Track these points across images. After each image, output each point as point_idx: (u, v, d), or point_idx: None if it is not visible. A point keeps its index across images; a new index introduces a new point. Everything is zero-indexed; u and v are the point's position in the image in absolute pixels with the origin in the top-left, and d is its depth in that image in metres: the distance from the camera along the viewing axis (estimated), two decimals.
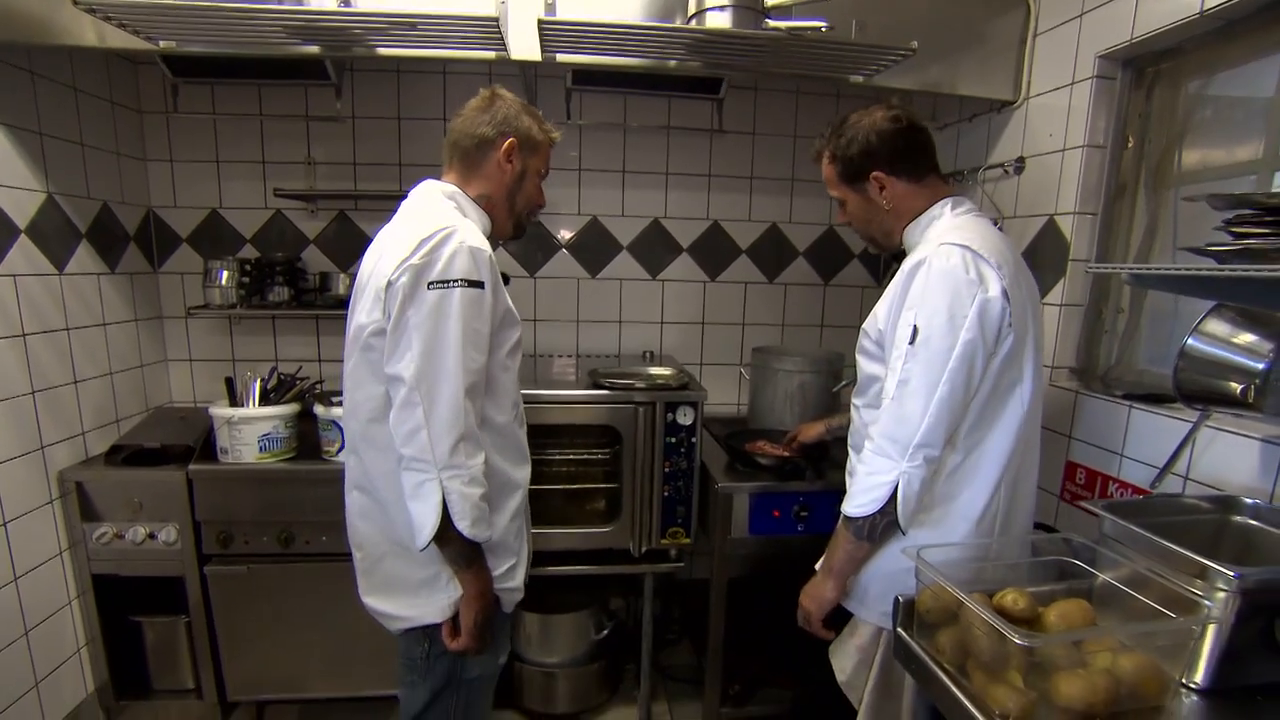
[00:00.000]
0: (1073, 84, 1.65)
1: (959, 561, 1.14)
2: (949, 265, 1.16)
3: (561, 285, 2.46)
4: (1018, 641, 0.83)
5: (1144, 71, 1.58)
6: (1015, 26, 1.79)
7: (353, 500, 1.29)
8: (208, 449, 1.93)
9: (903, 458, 1.17)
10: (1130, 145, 1.62)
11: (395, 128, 2.28)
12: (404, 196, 1.28)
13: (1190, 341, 1.19)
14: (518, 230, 1.38)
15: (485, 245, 1.16)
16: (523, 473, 1.32)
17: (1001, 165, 1.86)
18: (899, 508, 1.18)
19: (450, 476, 1.11)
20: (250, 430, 1.88)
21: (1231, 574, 0.91)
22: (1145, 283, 1.43)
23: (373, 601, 1.30)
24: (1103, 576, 1.06)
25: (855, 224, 1.39)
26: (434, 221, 1.13)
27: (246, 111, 2.21)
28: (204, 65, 2.04)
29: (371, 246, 1.24)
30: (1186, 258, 1.12)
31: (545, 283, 2.45)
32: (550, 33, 1.46)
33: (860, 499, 1.21)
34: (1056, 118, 1.70)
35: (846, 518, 1.25)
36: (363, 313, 1.15)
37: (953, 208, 1.29)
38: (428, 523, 1.11)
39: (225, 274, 2.16)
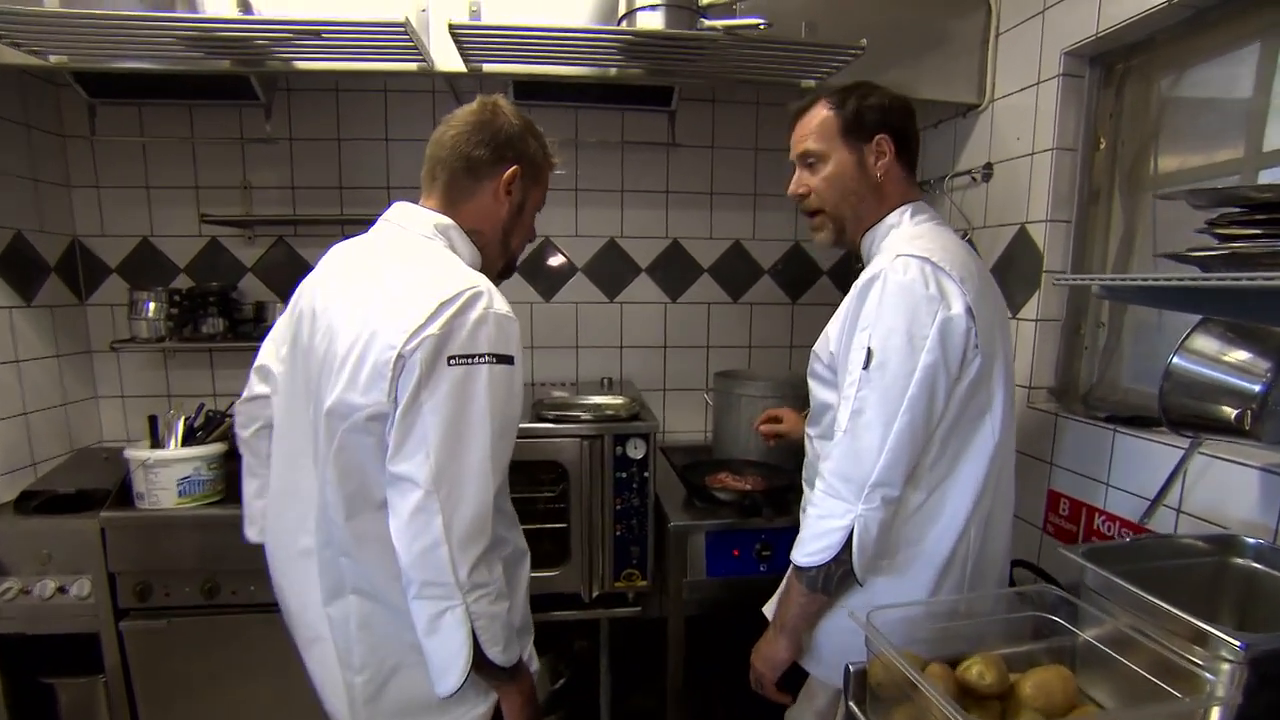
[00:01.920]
0: (1039, 84, 1.53)
1: (919, 620, 1.00)
2: (906, 279, 1.04)
3: (513, 311, 2.32)
4: None
5: (1113, 68, 1.47)
6: (977, 26, 1.69)
7: (347, 607, 1.02)
8: (125, 493, 1.78)
9: (858, 499, 1.04)
10: (1103, 147, 1.50)
11: (335, 150, 2.17)
12: (354, 221, 1.06)
13: (1176, 361, 1.05)
14: (506, 271, 1.17)
15: (512, 312, 0.99)
16: (520, 534, 1.16)
17: (969, 173, 1.74)
18: (854, 555, 1.04)
19: (477, 598, 0.91)
20: (168, 473, 1.73)
21: (1238, 644, 0.76)
22: (1120, 296, 1.30)
23: None
24: (1083, 636, 0.91)
25: (826, 192, 1.17)
26: (452, 280, 0.94)
27: (176, 134, 2.10)
28: (125, 85, 1.92)
29: (342, 282, 1.02)
30: (1167, 266, 0.98)
31: None
32: (466, 40, 1.35)
33: (811, 546, 1.07)
34: (1024, 120, 1.58)
35: (797, 568, 1.10)
36: (355, 390, 0.91)
37: (912, 214, 1.16)
38: (457, 663, 0.91)
39: (152, 305, 2.03)
